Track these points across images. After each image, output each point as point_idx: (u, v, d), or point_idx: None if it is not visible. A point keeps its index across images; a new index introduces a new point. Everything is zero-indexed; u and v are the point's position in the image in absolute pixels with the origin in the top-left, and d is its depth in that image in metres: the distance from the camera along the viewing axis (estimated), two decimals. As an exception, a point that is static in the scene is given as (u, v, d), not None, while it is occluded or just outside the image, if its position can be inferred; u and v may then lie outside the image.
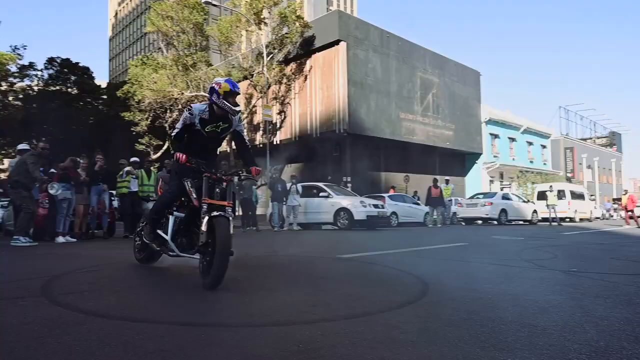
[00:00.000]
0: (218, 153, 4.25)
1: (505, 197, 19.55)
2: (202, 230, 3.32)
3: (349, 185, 21.09)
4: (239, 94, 3.78)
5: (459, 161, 29.58)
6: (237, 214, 16.68)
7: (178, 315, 2.67)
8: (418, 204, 17.92)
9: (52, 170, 8.48)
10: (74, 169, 8.41)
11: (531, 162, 34.73)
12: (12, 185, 7.48)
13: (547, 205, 18.39)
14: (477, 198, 19.22)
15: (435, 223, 15.71)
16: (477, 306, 2.86)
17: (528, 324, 2.42)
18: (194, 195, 3.52)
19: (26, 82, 24.75)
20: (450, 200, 17.41)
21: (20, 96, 25.23)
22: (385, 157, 23.93)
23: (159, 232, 3.83)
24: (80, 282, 3.76)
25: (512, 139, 33.08)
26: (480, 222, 18.88)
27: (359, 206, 12.54)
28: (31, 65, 24.51)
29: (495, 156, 30.76)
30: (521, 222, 19.71)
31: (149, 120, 24.47)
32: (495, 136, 31.25)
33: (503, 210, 17.99)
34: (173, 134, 3.71)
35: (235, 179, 3.78)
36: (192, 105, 3.79)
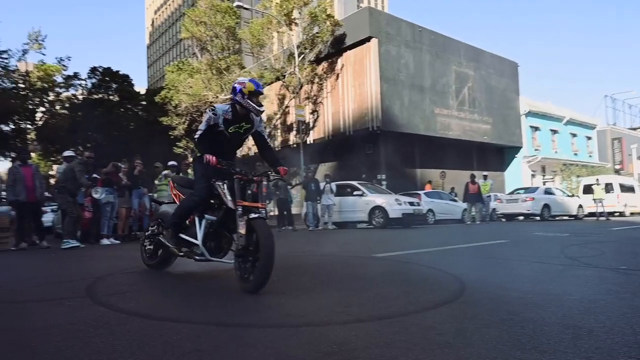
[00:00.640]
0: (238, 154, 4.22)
1: (548, 192, 18.78)
2: (241, 233, 3.24)
3: (384, 183, 20.90)
4: (262, 94, 3.72)
5: (498, 156, 28.68)
6: (272, 214, 16.91)
7: (214, 316, 2.72)
8: (455, 200, 17.53)
9: (95, 175, 8.86)
10: (116, 173, 8.77)
11: (575, 154, 33.23)
12: (59, 190, 7.89)
13: (594, 200, 17.53)
14: (518, 193, 18.57)
15: (474, 220, 15.31)
16: (517, 306, 2.76)
17: (572, 325, 2.31)
18: (229, 198, 3.42)
19: (71, 91, 25.96)
20: (489, 196, 16.89)
21: (67, 105, 26.48)
22: (420, 153, 23.55)
23: (183, 236, 3.73)
24: (122, 283, 3.91)
25: (554, 131, 31.76)
26: (521, 218, 18.24)
27: (394, 204, 12.40)
28: (76, 75, 25.67)
29: (536, 149, 29.63)
30: (566, 218, 18.90)
31: (186, 124, 25.14)
32: (536, 129, 30.10)
33: (546, 206, 17.28)
34: (197, 136, 3.60)
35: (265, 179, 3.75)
36: (215, 105, 3.72)
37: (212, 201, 3.61)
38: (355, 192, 13.28)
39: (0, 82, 20.38)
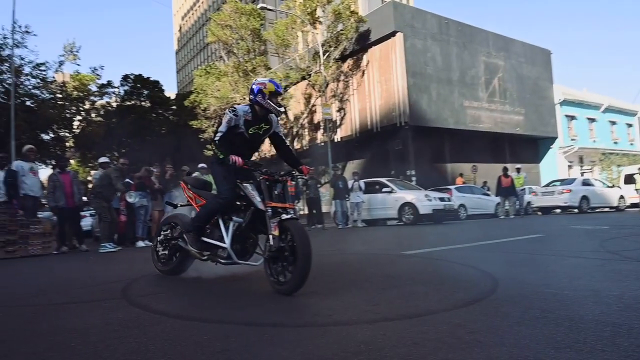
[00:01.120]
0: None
1: (586, 183, 18.04)
2: (274, 235, 3.16)
3: (414, 178, 20.65)
4: (282, 94, 3.69)
5: (532, 147, 27.81)
6: (301, 212, 17.01)
7: (244, 316, 2.75)
8: (488, 194, 17.11)
9: (128, 180, 9.15)
10: (148, 177, 9.04)
11: (615, 143, 31.81)
12: (95, 195, 8.20)
13: (636, 190, 16.75)
14: (554, 185, 17.92)
15: (508, 214, 14.90)
16: (553, 303, 2.67)
17: (611, 322, 2.21)
18: (258, 199, 3.34)
19: (105, 99, 26.89)
20: (523, 189, 16.38)
21: (102, 112, 27.45)
22: (451, 147, 23.13)
23: (206, 239, 3.63)
24: (156, 285, 4.01)
25: (592, 120, 30.50)
26: (558, 211, 17.62)
27: (424, 200, 12.23)
28: (109, 84, 26.53)
29: (572, 139, 28.54)
30: (606, 209, 18.13)
31: (215, 126, 25.55)
32: (572, 118, 28.99)
33: (584, 197, 16.61)
34: (218, 138, 3.51)
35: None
36: (235, 106, 3.65)
37: (237, 203, 3.53)
38: (384, 189, 13.17)
39: (40, 93, 21.32)
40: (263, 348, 2.08)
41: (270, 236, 3.18)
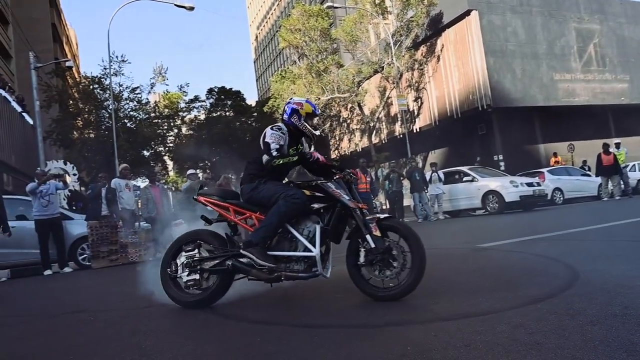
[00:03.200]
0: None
1: None
2: (376, 236, 2.91)
3: (502, 164, 19.41)
4: (318, 115, 3.46)
5: (641, 118, 24.64)
6: (383, 207, 16.83)
7: (299, 317, 2.80)
8: (588, 175, 15.47)
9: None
10: (228, 185, 9.54)
11: None
12: (181, 206, 8.85)
13: None
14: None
15: (612, 196, 13.31)
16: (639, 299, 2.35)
17: None
18: (347, 197, 3.08)
19: (194, 113, 28.93)
20: (626, 166, 14.50)
21: (193, 126, 29.56)
22: (542, 127, 21.31)
23: (277, 253, 3.13)
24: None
25: None
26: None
27: (509, 187, 11.39)
28: (197, 98, 28.44)
29: (693, 103, 24.74)
30: None
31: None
32: (690, 79, 25.12)
33: None
34: (276, 153, 3.20)
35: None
36: (279, 125, 3.40)
37: (314, 206, 3.16)
38: (465, 178, 12.53)
39: (137, 115, 23.60)
40: (309, 350, 2.09)
41: (369, 237, 2.92)
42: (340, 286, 3.38)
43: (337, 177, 3.19)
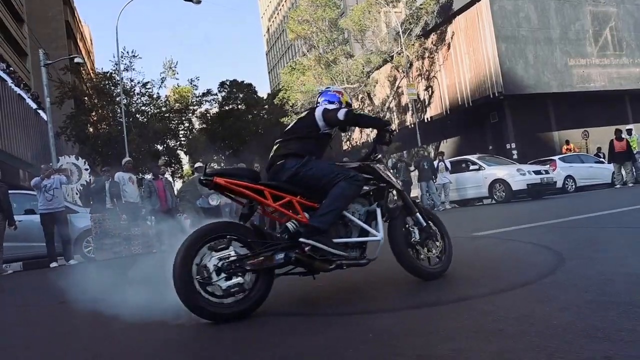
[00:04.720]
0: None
1: None
2: (430, 218, 3.13)
3: (514, 152, 19.09)
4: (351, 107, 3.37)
5: (661, 102, 23.90)
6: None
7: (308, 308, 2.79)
8: (603, 162, 15.09)
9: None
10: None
11: None
12: (181, 198, 8.95)
13: None
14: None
15: (625, 183, 12.96)
16: (618, 286, 2.29)
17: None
18: (394, 179, 3.09)
19: (205, 106, 29.04)
20: (639, 152, 14.08)
21: (205, 119, 29.71)
22: (556, 114, 20.86)
23: (337, 240, 2.72)
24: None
25: None
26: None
27: (516, 175, 11.19)
28: (209, 92, 28.49)
29: None
30: None
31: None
32: None
33: None
34: (346, 112, 3.02)
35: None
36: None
37: (365, 188, 2.92)
38: (471, 167, 12.36)
39: (148, 110, 23.80)
40: (284, 339, 2.09)
41: (419, 216, 3.05)
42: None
43: (378, 156, 3.13)
